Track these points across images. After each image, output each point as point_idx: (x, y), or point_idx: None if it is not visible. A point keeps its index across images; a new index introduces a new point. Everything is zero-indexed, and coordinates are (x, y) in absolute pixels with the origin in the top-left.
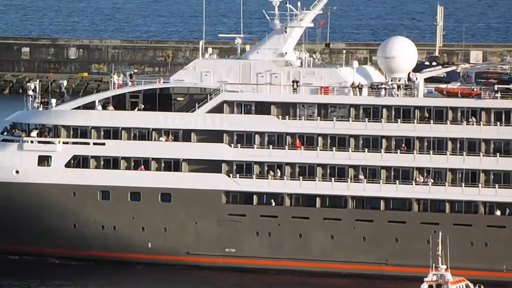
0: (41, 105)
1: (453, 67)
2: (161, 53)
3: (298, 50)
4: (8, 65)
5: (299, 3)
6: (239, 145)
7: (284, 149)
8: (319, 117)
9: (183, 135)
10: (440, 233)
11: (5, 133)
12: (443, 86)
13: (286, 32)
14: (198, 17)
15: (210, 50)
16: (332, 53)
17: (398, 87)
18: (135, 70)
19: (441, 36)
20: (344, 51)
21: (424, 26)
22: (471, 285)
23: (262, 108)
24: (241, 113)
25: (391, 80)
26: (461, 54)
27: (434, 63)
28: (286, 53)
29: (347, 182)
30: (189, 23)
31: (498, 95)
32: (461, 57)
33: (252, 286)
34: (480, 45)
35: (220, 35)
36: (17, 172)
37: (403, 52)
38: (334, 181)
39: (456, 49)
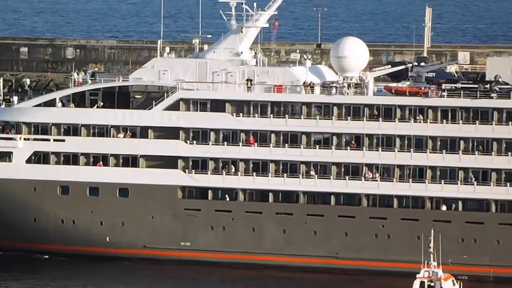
0: (4, 103)
1: (403, 66)
2: (155, 53)
3: (253, 50)
4: (7, 64)
5: (255, 4)
6: (194, 141)
7: (238, 145)
8: (272, 115)
9: (140, 132)
10: (432, 230)
11: None
12: (393, 85)
13: (242, 32)
14: (194, 18)
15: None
16: (324, 54)
17: (349, 85)
18: (96, 69)
19: (429, 37)
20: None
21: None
22: (454, 281)
23: (217, 105)
24: (197, 110)
25: (344, 79)
26: (449, 55)
27: (422, 64)
28: (241, 52)
29: (298, 178)
30: (180, 24)
31: (445, 93)
32: (449, 57)
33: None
34: (467, 46)
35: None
36: None
37: (354, 52)
38: (286, 177)
39: (444, 50)
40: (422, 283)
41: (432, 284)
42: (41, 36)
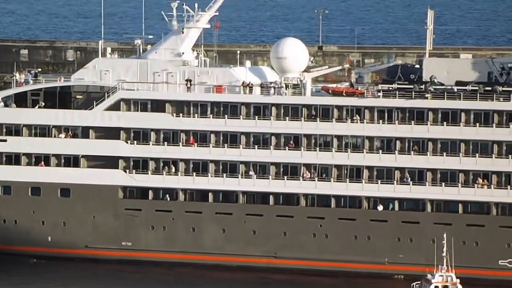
0: None
1: (339, 67)
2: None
3: (195, 50)
4: (7, 66)
5: (196, 5)
6: (135, 141)
7: (178, 145)
8: (211, 115)
9: (82, 132)
10: (445, 235)
11: None
12: (331, 85)
13: (183, 32)
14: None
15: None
16: (325, 56)
17: (287, 86)
18: (39, 69)
19: (432, 40)
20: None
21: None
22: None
23: (158, 106)
24: (137, 110)
25: (284, 80)
26: (451, 57)
27: (417, 66)
28: (183, 53)
29: (238, 178)
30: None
31: (381, 94)
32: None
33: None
34: (469, 48)
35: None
36: None
37: (293, 53)
38: (226, 176)
39: (446, 52)
40: None
41: None
42: (41, 38)
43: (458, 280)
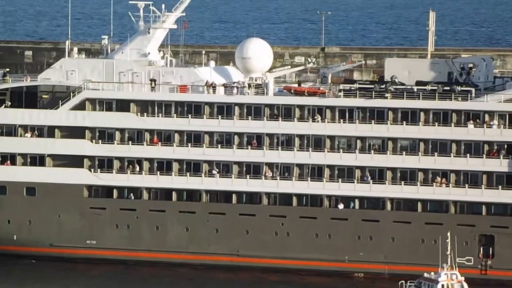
0: None
1: (302, 67)
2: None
3: (162, 51)
4: (12, 68)
5: (163, 6)
6: (100, 141)
7: (143, 145)
8: (175, 115)
9: (47, 132)
10: (449, 233)
11: None
12: (293, 85)
13: (149, 33)
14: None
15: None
16: (327, 57)
17: (249, 86)
18: (8, 69)
19: (433, 41)
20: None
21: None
22: None
23: (123, 105)
24: (102, 110)
25: (249, 80)
26: (452, 58)
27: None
28: (149, 53)
29: (201, 177)
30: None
31: (341, 94)
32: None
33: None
34: (470, 49)
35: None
36: None
37: (257, 53)
38: (189, 175)
39: (447, 53)
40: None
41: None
42: (45, 39)
43: (463, 278)
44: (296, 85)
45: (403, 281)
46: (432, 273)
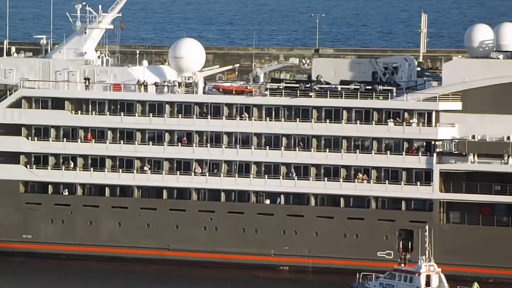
0: None
1: (231, 66)
2: (159, 58)
3: (99, 50)
4: None
5: (100, 6)
6: (36, 138)
7: (77, 142)
8: (108, 112)
9: None
10: (427, 227)
11: None
12: (223, 84)
13: (85, 33)
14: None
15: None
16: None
17: (180, 84)
18: None
19: (425, 43)
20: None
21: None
22: None
23: (58, 103)
24: (38, 108)
25: (182, 79)
26: (444, 60)
27: (418, 68)
28: (85, 52)
29: (133, 173)
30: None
31: (267, 93)
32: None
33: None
34: (462, 51)
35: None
36: None
37: (189, 52)
38: (122, 172)
39: (439, 55)
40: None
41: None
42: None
43: (440, 270)
44: (225, 84)
45: (358, 273)
46: (402, 265)
